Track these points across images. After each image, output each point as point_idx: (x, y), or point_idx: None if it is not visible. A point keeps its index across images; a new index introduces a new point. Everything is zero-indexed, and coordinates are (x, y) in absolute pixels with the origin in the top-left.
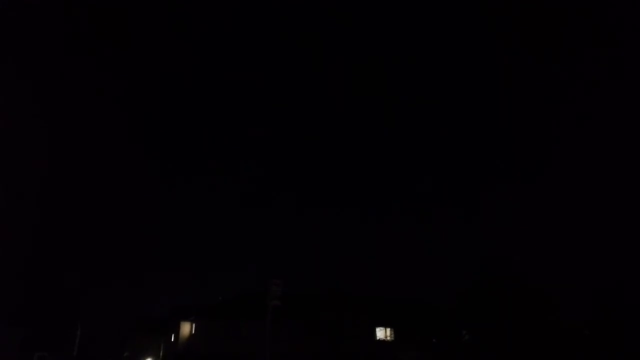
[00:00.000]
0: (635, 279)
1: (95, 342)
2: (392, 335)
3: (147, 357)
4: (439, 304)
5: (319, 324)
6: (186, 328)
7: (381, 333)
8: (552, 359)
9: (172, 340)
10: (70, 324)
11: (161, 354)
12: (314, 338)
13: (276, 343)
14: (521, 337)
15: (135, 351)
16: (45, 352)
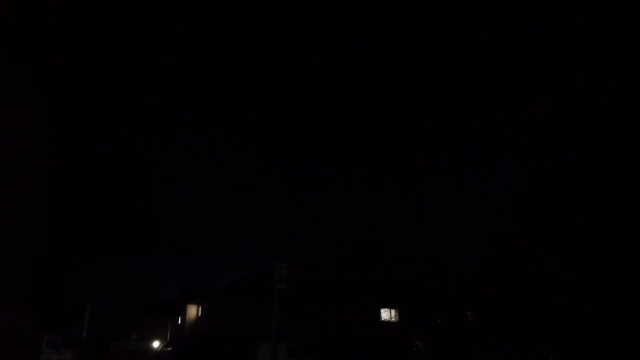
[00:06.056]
0: None
1: (103, 324)
2: (397, 316)
3: (155, 339)
4: (444, 286)
5: (324, 306)
6: (193, 311)
7: (386, 314)
8: (557, 342)
9: (179, 322)
10: (79, 307)
11: (168, 336)
12: (319, 319)
13: (282, 325)
14: (526, 320)
15: (143, 333)
16: (55, 335)
